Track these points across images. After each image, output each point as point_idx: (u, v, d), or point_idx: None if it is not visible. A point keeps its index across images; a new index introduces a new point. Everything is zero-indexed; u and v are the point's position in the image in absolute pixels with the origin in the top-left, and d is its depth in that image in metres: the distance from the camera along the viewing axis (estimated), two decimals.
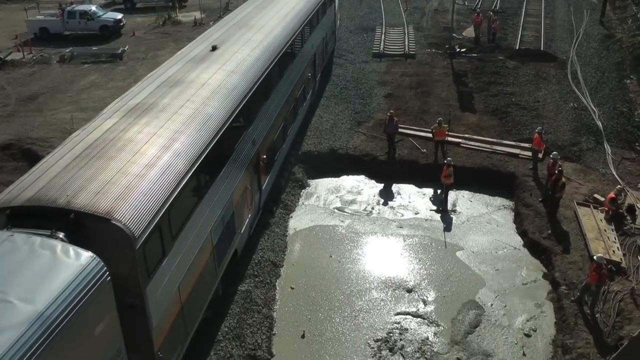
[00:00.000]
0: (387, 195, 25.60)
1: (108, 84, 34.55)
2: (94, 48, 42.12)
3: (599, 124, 27.77)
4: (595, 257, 18.10)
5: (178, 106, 16.45)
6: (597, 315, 17.85)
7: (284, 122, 24.83)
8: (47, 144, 25.83)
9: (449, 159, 24.58)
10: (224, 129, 16.98)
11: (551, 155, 23.69)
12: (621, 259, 19.59)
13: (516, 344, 18.00)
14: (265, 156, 21.54)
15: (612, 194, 22.07)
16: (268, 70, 21.81)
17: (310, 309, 19.35)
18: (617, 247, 20.18)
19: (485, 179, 25.64)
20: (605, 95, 30.77)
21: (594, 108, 29.28)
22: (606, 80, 32.52)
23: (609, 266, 18.66)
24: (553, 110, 29.91)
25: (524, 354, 17.65)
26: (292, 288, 20.26)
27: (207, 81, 18.43)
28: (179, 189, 13.84)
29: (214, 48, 21.17)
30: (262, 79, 20.97)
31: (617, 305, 17.86)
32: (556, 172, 22.52)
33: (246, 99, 19.06)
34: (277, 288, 20.20)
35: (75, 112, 29.57)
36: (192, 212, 14.82)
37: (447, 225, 23.61)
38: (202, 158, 15.24)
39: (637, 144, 26.53)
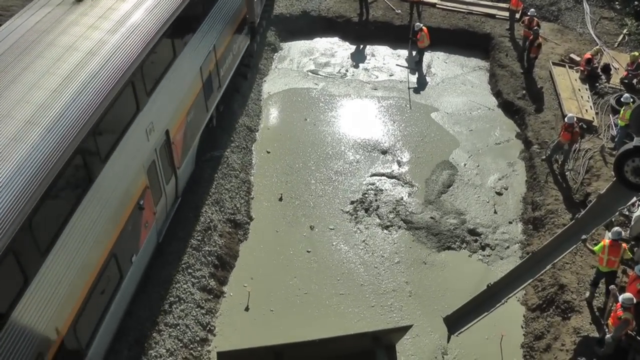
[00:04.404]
0: (361, 58, 25.07)
1: None
2: None
3: None
4: (566, 118, 18.24)
5: None
6: (566, 173, 18.30)
7: None
8: (8, 13, 24.32)
9: (418, 23, 23.86)
10: None
11: (528, 13, 23.20)
12: (593, 118, 19.81)
13: (488, 202, 18.54)
14: None
15: (588, 54, 21.92)
16: None
17: (286, 172, 19.48)
18: (590, 106, 20.33)
19: (461, 40, 25.16)
20: None
21: None
22: None
23: (580, 124, 18.94)
24: None
25: (495, 212, 18.23)
26: (268, 152, 20.25)
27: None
28: None
29: None
30: None
31: (587, 162, 18.26)
32: (532, 32, 22.12)
33: None
34: (254, 152, 20.19)
35: None
36: None
37: (422, 86, 23.42)
38: None
39: (616, 2, 25.95)
